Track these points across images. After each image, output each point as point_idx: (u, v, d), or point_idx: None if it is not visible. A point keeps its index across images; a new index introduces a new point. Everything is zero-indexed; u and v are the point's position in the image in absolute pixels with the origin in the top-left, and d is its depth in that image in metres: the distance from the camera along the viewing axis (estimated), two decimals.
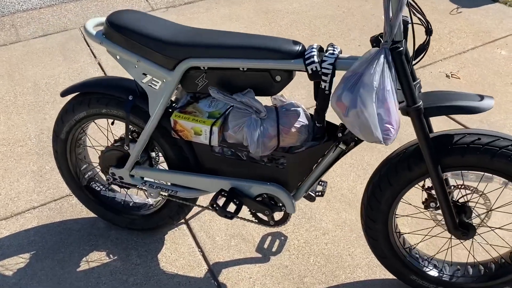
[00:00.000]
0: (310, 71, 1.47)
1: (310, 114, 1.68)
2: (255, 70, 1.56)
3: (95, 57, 3.57)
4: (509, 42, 3.49)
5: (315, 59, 1.46)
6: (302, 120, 1.61)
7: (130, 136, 1.92)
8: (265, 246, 2.05)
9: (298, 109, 1.64)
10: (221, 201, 1.87)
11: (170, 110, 1.74)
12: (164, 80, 1.64)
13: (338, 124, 1.68)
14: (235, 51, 1.54)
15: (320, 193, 1.88)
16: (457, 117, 2.77)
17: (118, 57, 1.66)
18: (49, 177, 2.47)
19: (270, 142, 1.59)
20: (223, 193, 1.72)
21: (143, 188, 1.87)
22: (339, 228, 2.13)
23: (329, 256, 2.01)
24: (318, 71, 1.46)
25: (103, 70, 3.39)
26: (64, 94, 1.85)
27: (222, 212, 1.65)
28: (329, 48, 1.50)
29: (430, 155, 1.47)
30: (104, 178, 2.13)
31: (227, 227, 2.15)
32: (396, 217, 2.08)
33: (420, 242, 1.96)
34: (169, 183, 1.86)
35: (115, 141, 1.93)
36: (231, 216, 1.67)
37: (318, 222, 2.16)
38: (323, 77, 1.47)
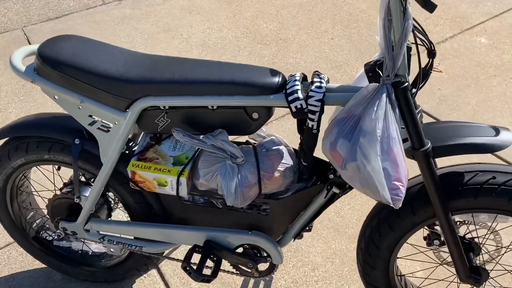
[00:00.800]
0: (294, 109, 1.21)
1: (294, 149, 1.43)
2: (228, 107, 1.28)
3: None
4: (487, 28, 3.31)
5: (299, 95, 1.20)
6: (286, 161, 1.36)
7: (81, 180, 1.62)
8: None
9: (281, 147, 1.38)
10: (194, 258, 1.60)
11: (127, 152, 1.46)
12: (116, 123, 1.34)
13: (328, 161, 1.44)
14: (202, 87, 1.25)
15: (308, 228, 1.65)
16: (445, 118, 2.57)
17: (56, 97, 1.35)
18: None
19: (250, 191, 1.33)
20: (197, 249, 1.45)
21: (102, 244, 1.59)
22: (329, 261, 1.91)
23: None
24: (303, 108, 1.20)
25: None
26: None
27: (198, 276, 1.39)
28: (315, 80, 1.23)
29: (439, 199, 1.25)
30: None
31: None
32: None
33: (426, 284, 1.76)
34: (131, 237, 1.58)
35: (64, 184, 1.62)
36: (208, 279, 1.42)
37: (305, 255, 1.93)
38: (310, 115, 1.21)
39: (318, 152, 1.27)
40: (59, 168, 1.62)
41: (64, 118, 1.51)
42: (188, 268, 1.40)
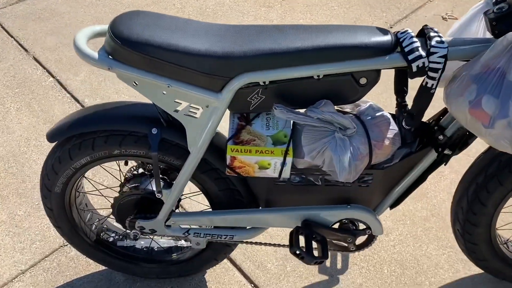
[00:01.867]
0: (415, 68, 1.11)
1: (390, 114, 1.34)
2: (334, 75, 1.16)
3: (25, 50, 2.87)
4: None
5: (421, 52, 1.10)
6: (393, 127, 1.26)
7: (146, 172, 1.47)
8: (328, 264, 1.75)
9: (385, 113, 1.28)
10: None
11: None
12: (207, 106, 1.20)
13: (429, 121, 1.35)
14: (308, 55, 1.13)
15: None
16: None
17: (136, 82, 1.18)
18: (27, 225, 1.94)
19: (362, 163, 1.24)
20: (300, 231, 1.36)
21: (186, 238, 1.46)
22: (400, 223, 1.87)
23: (402, 261, 1.75)
24: (425, 66, 1.11)
25: (43, 67, 2.74)
26: (52, 138, 1.34)
27: (311, 259, 1.30)
28: (432, 34, 1.13)
29: None
30: (119, 226, 1.67)
31: (274, 249, 1.81)
32: None
33: None
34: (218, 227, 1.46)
35: (126, 180, 1.47)
36: (320, 261, 1.33)
37: None
38: (431, 74, 1.11)
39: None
40: (126, 163, 1.46)
41: (132, 106, 1.34)
42: (299, 252, 1.31)
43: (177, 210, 1.48)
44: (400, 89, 1.29)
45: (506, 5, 1.08)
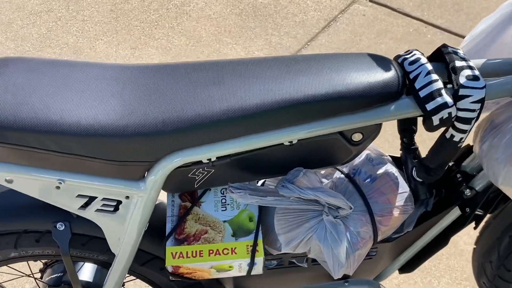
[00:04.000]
0: (437, 122, 0.72)
1: (392, 157, 0.96)
2: (315, 137, 0.77)
3: None
4: None
5: (446, 97, 0.71)
6: (403, 188, 0.89)
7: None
8: None
9: (390, 169, 0.90)
10: None
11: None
12: (127, 197, 0.79)
13: (451, 167, 0.97)
14: (275, 116, 0.72)
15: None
16: None
17: (8, 178, 0.75)
18: None
19: (364, 249, 0.86)
20: None
21: None
22: None
23: None
24: (451, 118, 0.72)
25: None
26: None
27: None
28: (458, 63, 0.73)
29: None
30: None
31: None
32: None
33: None
34: None
35: (41, 271, 1.09)
36: None
37: None
38: (459, 126, 0.73)
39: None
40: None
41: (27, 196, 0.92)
42: None
43: None
44: (406, 128, 0.90)
45: None
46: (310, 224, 0.83)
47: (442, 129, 0.76)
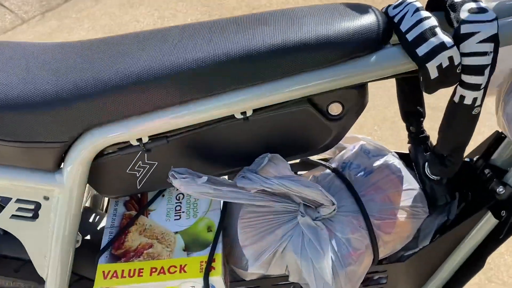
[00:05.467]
0: (434, 73, 0.53)
1: (397, 153, 0.75)
2: (276, 108, 0.58)
3: None
4: None
5: (441, 36, 0.52)
6: (410, 183, 0.67)
7: None
8: None
9: (391, 160, 0.69)
10: None
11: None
12: (46, 198, 0.62)
13: (471, 159, 0.75)
14: (217, 73, 0.55)
15: None
16: None
17: None
18: None
19: (361, 265, 0.64)
20: None
21: None
22: None
23: None
24: (454, 65, 0.52)
25: None
26: None
27: None
28: (456, 0, 0.55)
29: None
30: None
31: None
32: None
33: None
34: None
35: None
36: None
37: None
38: (468, 78, 0.53)
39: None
40: None
41: None
42: None
43: None
44: (411, 111, 0.70)
45: None
46: (283, 230, 0.62)
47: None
